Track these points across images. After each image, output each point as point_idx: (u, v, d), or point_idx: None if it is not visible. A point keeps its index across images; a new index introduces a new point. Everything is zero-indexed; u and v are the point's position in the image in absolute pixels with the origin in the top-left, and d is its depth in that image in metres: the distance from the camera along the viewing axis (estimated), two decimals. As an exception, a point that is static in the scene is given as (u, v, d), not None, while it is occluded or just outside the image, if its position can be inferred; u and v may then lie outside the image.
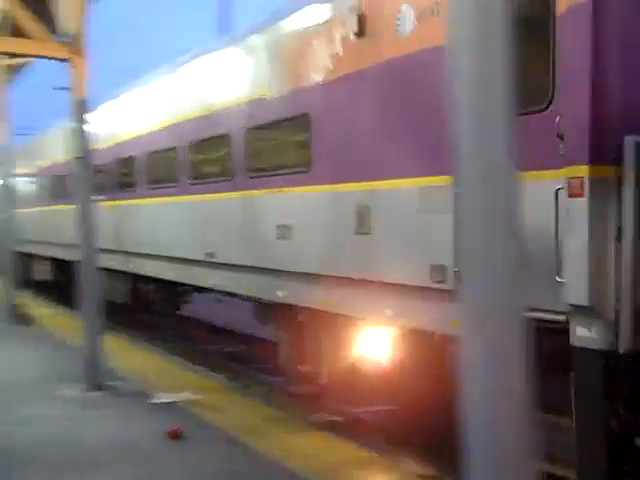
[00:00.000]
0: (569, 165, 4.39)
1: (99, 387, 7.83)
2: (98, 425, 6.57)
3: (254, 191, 8.21)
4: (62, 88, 8.77)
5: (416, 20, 5.68)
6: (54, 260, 17.74)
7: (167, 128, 10.45)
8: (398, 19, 5.88)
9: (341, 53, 6.65)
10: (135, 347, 10.94)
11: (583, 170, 4.31)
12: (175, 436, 6.04)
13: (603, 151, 4.31)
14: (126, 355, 9.98)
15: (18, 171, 16.87)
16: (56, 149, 16.70)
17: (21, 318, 13.13)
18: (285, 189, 7.63)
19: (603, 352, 4.31)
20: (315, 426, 6.64)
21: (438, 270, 5.44)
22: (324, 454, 5.74)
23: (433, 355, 5.81)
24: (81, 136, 7.80)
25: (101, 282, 8.36)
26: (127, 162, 12.30)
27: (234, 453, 5.76)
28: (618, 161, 4.25)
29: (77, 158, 7.91)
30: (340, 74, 6.69)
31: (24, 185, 19.61)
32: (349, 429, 6.94)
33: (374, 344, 6.61)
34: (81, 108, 7.89)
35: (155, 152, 10.96)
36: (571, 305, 4.42)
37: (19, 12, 8.34)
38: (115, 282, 12.77)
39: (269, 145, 8.47)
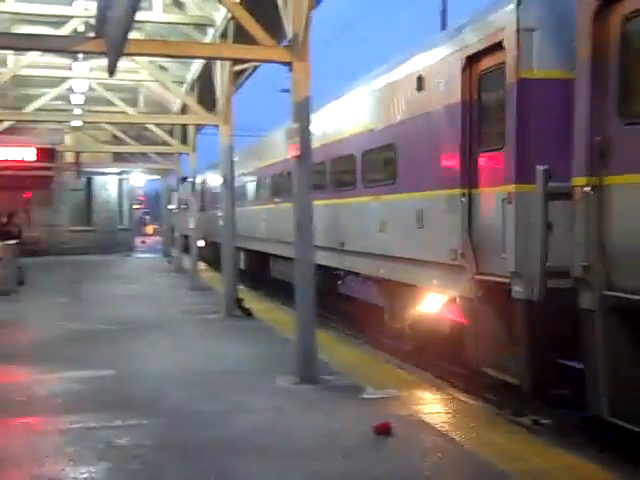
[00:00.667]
0: (507, 184, 7.48)
1: (313, 380, 8.04)
2: (308, 417, 6.76)
3: (366, 197, 11.73)
4: (286, 91, 8.54)
5: (445, 84, 8.81)
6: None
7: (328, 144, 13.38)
8: (439, 81, 8.93)
9: (410, 101, 9.85)
10: (340, 340, 11.30)
11: (512, 187, 7.35)
12: (384, 431, 6.10)
13: (524, 176, 7.16)
14: (335, 349, 10.08)
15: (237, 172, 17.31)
16: (266, 153, 18.75)
17: (243, 311, 13.80)
18: (381, 196, 11.00)
19: (525, 300, 7.13)
20: (522, 427, 6.56)
21: (452, 252, 8.59)
22: (534, 458, 5.54)
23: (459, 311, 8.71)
24: (302, 136, 8.14)
25: (315, 277, 8.46)
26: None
27: (445, 451, 5.69)
28: (532, 181, 6.71)
29: (296, 157, 8.18)
30: (410, 115, 9.87)
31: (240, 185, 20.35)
32: (557, 433, 6.86)
33: (432, 305, 9.55)
34: (302, 110, 8.17)
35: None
36: (510, 272, 7.37)
37: (244, 18, 8.19)
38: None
39: (374, 164, 11.59)
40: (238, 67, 15.07)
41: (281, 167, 16.77)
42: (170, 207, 30.24)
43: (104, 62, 8.97)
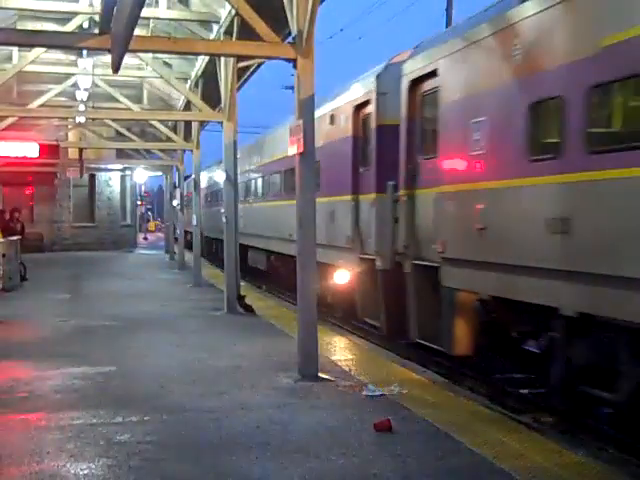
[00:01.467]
0: (371, 193, 11.55)
1: (314, 377, 8.06)
2: (309, 414, 6.75)
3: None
4: (290, 88, 8.57)
5: (344, 122, 12.80)
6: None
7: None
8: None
9: (326, 132, 13.45)
10: (342, 336, 11.41)
11: (374, 195, 11.28)
12: (384, 428, 6.11)
13: (380, 187, 10.90)
14: (338, 345, 10.12)
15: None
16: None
17: (245, 308, 13.96)
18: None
19: (384, 270, 10.84)
20: (523, 425, 6.51)
21: (349, 239, 12.54)
22: (534, 456, 5.51)
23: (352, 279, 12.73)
24: (306, 133, 8.12)
25: (316, 273, 8.48)
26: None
27: (445, 449, 5.68)
28: (385, 191, 10.70)
29: (300, 154, 8.16)
30: (327, 141, 13.49)
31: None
32: (558, 431, 6.90)
33: (341, 277, 13.21)
34: (306, 107, 8.15)
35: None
36: (374, 251, 11.20)
37: (249, 14, 8.18)
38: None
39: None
40: (242, 64, 15.08)
41: (261, 171, 21.81)
42: (173, 204, 30.24)
43: (108, 58, 8.95)
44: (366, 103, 11.96)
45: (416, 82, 10.00)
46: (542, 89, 7.08)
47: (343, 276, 13.07)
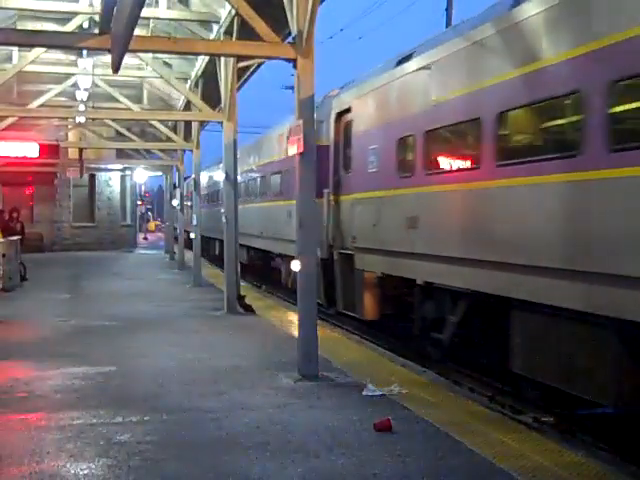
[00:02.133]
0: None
1: (314, 377, 8.07)
2: (309, 414, 6.76)
3: (268, 203, 20.55)
4: (290, 88, 8.56)
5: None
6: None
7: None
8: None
9: (280, 149, 17.20)
10: (341, 336, 11.46)
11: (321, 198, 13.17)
12: (384, 428, 6.12)
13: (318, 193, 10.41)
14: (338, 345, 10.08)
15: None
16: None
17: (244, 308, 14.04)
18: (276, 202, 19.32)
19: (323, 257, 12.96)
20: (523, 425, 6.52)
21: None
22: (534, 456, 5.51)
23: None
24: (307, 133, 8.12)
25: (317, 274, 8.48)
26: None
27: (445, 449, 5.68)
28: (322, 197, 12.91)
29: (300, 154, 8.16)
30: (284, 156, 16.62)
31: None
32: (560, 431, 6.88)
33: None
34: (306, 107, 8.15)
35: None
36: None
37: (249, 14, 8.25)
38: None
39: (275, 182, 19.53)
40: (242, 63, 15.08)
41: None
42: (173, 204, 30.24)
43: (108, 58, 8.95)
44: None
45: (340, 114, 13.07)
46: (403, 130, 10.34)
47: (297, 264, 15.04)
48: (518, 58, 7.73)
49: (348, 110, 12.56)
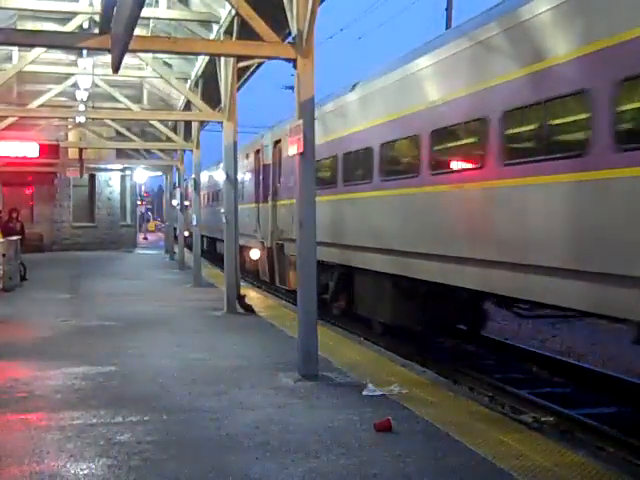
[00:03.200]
0: (258, 202, 20.78)
1: (314, 377, 8.07)
2: (309, 414, 6.75)
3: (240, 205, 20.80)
4: (290, 88, 8.54)
5: (252, 158, 21.66)
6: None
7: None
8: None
9: (259, 160, 20.74)
10: (341, 335, 11.40)
11: (257, 204, 20.99)
12: (384, 428, 6.12)
13: (264, 198, 19.72)
14: (338, 345, 10.05)
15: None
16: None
17: (245, 308, 14.07)
18: (244, 205, 21.63)
19: (269, 247, 18.95)
20: (523, 425, 6.52)
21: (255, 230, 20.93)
22: (534, 455, 5.51)
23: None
24: (307, 133, 8.10)
25: (317, 274, 8.47)
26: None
27: (445, 449, 5.68)
28: (267, 201, 19.46)
29: (300, 154, 8.15)
30: (245, 169, 22.51)
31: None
32: (560, 431, 6.95)
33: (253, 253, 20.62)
34: (306, 107, 8.14)
35: None
36: (261, 236, 19.95)
37: (249, 14, 8.30)
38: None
39: (246, 188, 23.38)
40: (242, 63, 15.07)
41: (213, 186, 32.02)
42: (173, 204, 30.25)
43: (108, 58, 8.94)
44: (259, 150, 20.66)
45: (276, 143, 18.34)
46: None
47: (254, 253, 21.05)
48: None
49: (279, 141, 17.74)
